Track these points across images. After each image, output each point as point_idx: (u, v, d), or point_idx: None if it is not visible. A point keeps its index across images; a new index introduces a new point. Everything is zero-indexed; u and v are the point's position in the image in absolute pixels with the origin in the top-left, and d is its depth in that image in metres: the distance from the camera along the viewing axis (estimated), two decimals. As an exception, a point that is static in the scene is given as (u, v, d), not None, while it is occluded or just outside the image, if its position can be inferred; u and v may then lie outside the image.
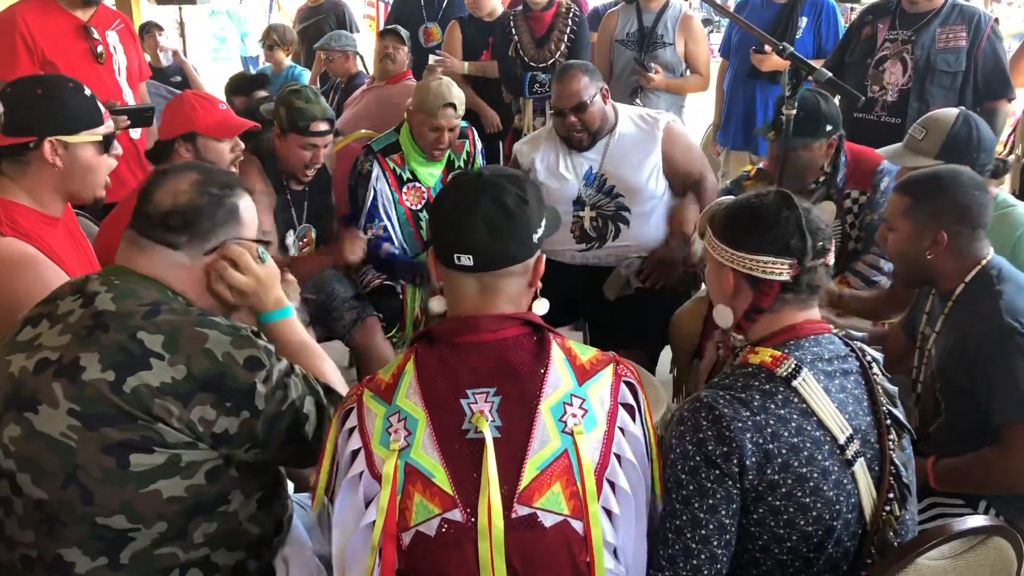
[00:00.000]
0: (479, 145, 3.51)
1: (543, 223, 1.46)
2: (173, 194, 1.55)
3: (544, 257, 1.50)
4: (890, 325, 2.54)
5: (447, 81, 3.24)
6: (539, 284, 1.50)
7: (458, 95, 3.21)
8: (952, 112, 2.48)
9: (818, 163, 2.77)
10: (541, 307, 1.49)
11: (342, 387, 1.67)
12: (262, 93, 4.31)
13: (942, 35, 3.37)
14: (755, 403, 1.41)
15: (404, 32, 4.56)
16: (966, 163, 2.35)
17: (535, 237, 1.44)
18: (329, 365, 1.71)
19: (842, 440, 1.42)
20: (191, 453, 1.45)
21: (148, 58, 4.48)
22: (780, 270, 1.48)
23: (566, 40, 4.09)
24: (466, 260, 1.40)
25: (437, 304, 1.50)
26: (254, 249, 1.63)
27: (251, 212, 1.64)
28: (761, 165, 3.08)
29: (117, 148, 2.06)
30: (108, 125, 2.03)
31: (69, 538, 1.45)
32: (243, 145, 2.70)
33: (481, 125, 4.31)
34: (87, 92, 2.02)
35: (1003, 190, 2.77)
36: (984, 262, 1.96)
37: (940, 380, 1.99)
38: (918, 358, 2.12)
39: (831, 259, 1.53)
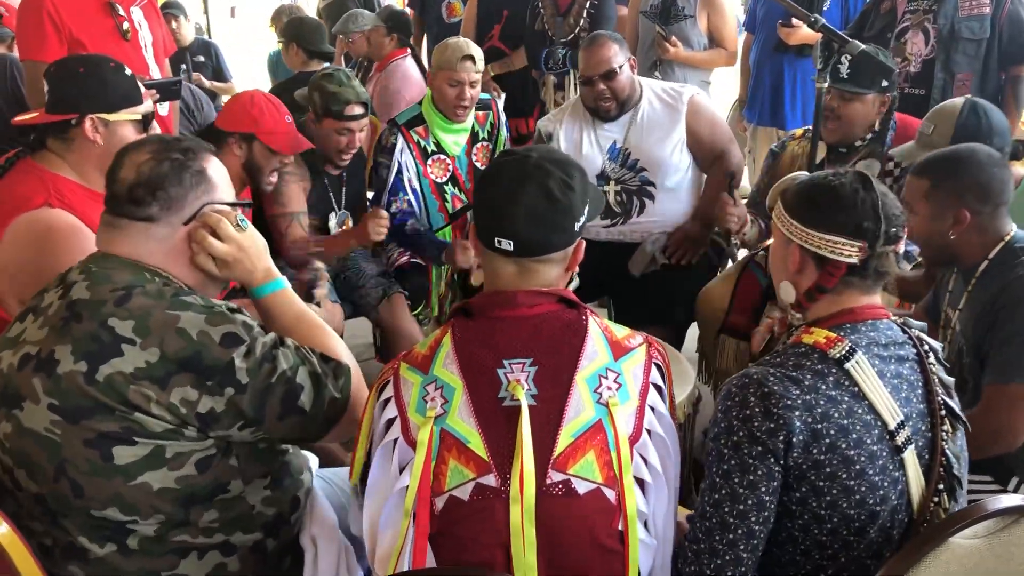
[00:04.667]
0: (503, 117, 3.49)
1: (587, 209, 1.45)
2: (135, 166, 1.52)
3: (584, 243, 1.49)
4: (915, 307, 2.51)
5: (465, 38, 3.26)
6: (576, 268, 1.51)
7: (476, 50, 3.20)
8: (957, 102, 2.44)
9: (870, 119, 2.73)
10: (571, 284, 1.50)
11: (345, 354, 1.61)
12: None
13: (965, 2, 3.30)
14: (806, 382, 1.39)
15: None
16: None
17: (577, 225, 1.44)
18: (329, 334, 1.64)
19: (892, 426, 1.40)
20: (177, 444, 1.43)
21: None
22: (849, 252, 1.44)
23: (585, 13, 4.03)
24: (507, 245, 1.40)
25: (478, 277, 1.50)
26: (233, 216, 1.58)
27: (221, 174, 1.60)
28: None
29: (156, 128, 2.12)
30: (147, 105, 2.09)
31: (73, 529, 1.46)
32: (291, 159, 2.68)
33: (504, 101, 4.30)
34: (128, 72, 2.07)
35: None
36: (1008, 237, 1.94)
37: (967, 356, 1.97)
38: (941, 337, 2.10)
39: (902, 247, 1.48)
